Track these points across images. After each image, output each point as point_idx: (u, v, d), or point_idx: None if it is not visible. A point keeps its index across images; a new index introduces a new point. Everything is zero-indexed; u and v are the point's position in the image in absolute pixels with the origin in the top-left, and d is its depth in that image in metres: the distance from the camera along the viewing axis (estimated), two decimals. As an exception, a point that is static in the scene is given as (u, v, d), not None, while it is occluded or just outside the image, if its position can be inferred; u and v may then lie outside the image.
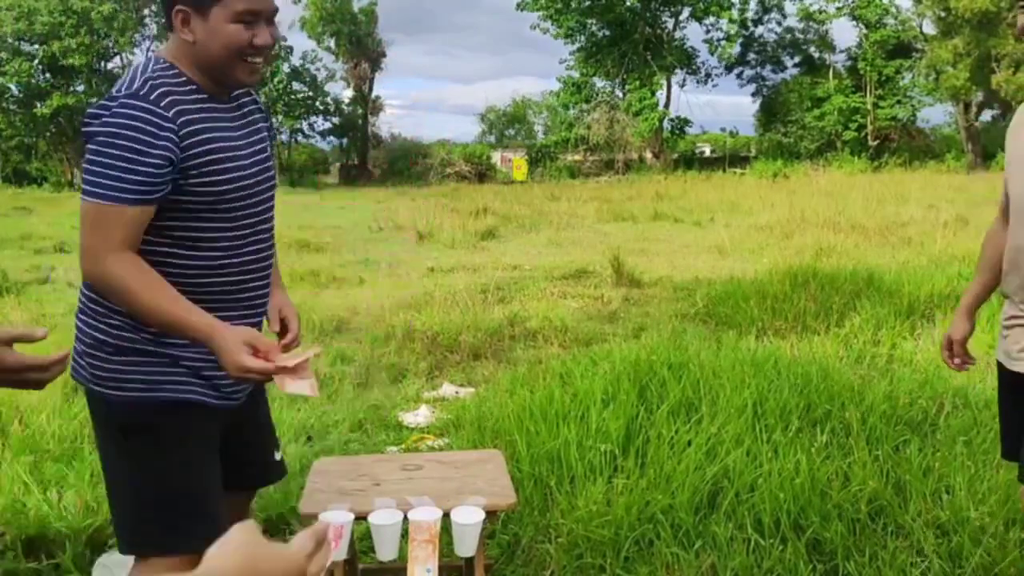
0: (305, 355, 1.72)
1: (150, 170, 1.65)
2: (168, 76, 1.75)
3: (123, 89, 1.70)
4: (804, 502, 2.73)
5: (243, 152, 1.84)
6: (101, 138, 1.65)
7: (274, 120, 40.05)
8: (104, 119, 1.66)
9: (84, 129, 1.70)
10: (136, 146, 1.64)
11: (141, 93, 1.67)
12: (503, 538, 2.77)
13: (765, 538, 2.59)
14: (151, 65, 1.76)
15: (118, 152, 1.64)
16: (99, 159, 1.65)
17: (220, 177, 1.76)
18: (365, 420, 4.19)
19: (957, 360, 2.34)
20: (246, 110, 1.93)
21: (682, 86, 40.91)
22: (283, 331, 2.04)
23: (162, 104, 1.68)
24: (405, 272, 9.54)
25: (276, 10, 1.79)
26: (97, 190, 1.65)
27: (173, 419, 1.79)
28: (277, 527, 3.00)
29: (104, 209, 1.65)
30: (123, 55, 35.83)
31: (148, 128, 1.65)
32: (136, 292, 1.67)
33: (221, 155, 1.76)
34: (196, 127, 1.73)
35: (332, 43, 40.27)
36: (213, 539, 0.89)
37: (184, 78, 1.77)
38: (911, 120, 38.05)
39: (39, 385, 1.45)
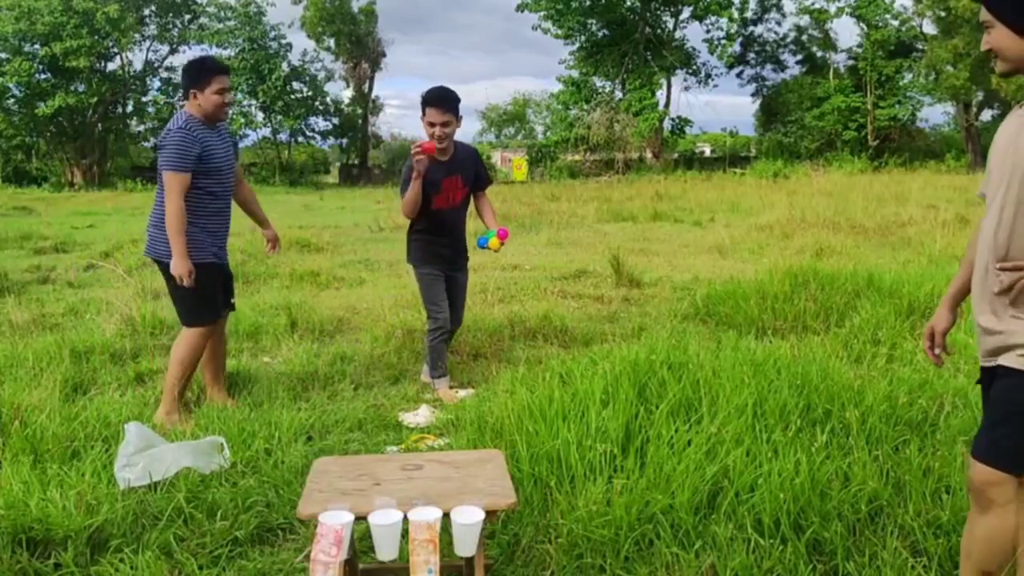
0: None
1: None
2: None
3: None
4: (804, 502, 2.73)
5: None
6: None
7: (274, 120, 39.97)
8: None
9: None
10: None
11: None
12: (503, 538, 2.78)
13: (765, 538, 2.59)
14: None
15: None
16: None
17: None
18: (365, 420, 4.19)
19: (937, 351, 2.41)
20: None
21: (687, 88, 40.92)
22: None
23: None
24: (405, 272, 9.53)
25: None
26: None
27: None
28: (277, 527, 3.00)
29: None
30: (123, 55, 35.85)
31: None
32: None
33: None
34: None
35: (332, 43, 40.30)
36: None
37: None
38: (911, 120, 38.05)
39: None
